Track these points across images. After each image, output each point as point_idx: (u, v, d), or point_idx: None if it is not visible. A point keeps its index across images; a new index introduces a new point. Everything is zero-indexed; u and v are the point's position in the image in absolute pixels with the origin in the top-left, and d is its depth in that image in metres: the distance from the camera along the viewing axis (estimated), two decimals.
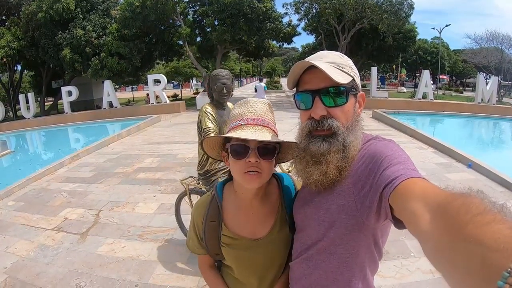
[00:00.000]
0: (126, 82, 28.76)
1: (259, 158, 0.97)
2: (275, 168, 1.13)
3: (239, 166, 0.99)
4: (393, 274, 2.86)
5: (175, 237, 3.71)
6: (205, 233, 1.13)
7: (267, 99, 1.12)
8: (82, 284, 2.92)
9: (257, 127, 0.99)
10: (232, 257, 1.12)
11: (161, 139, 9.75)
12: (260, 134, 0.97)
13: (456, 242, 0.46)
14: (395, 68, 41.76)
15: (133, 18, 16.63)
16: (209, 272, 1.23)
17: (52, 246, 3.65)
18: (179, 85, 35.81)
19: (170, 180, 5.75)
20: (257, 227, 1.11)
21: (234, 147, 0.99)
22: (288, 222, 1.12)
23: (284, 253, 1.14)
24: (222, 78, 2.67)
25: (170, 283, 2.90)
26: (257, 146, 0.97)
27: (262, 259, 1.11)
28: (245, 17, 18.03)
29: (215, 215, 1.12)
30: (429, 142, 7.96)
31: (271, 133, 1.01)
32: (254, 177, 0.98)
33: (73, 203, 4.96)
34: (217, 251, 1.13)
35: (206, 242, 1.14)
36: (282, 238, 1.12)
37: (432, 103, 14.46)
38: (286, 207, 1.13)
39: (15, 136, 13.44)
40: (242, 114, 1.03)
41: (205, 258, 1.21)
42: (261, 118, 1.02)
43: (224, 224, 1.11)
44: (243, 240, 1.10)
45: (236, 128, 1.01)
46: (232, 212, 1.12)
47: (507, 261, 0.38)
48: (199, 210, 1.16)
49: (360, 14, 18.32)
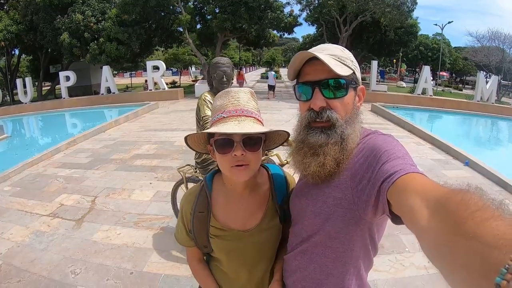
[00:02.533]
0: (125, 68, 28.59)
1: (244, 150, 0.95)
2: (274, 160, 1.12)
3: (226, 160, 0.97)
4: (387, 268, 2.88)
5: (170, 225, 3.71)
6: (193, 224, 1.11)
7: (249, 88, 1.09)
8: (77, 271, 2.92)
9: (240, 118, 0.97)
10: (221, 248, 1.11)
11: (159, 126, 9.73)
12: (244, 125, 0.95)
13: (454, 238, 0.46)
14: (395, 62, 41.66)
15: (133, 3, 16.44)
16: (197, 265, 1.21)
17: (47, 232, 3.65)
18: (178, 72, 35.60)
19: (167, 168, 5.74)
20: (247, 218, 1.10)
21: (218, 142, 0.96)
22: (279, 213, 1.12)
23: (274, 244, 1.14)
24: (223, 66, 2.65)
25: (165, 271, 2.91)
26: (242, 138, 0.95)
27: (251, 251, 1.10)
28: (246, 6, 17.87)
29: (203, 206, 1.10)
30: (427, 138, 7.99)
31: (256, 122, 0.99)
32: (242, 169, 0.96)
33: (69, 189, 4.94)
34: (205, 243, 1.11)
35: (195, 234, 1.12)
36: (272, 229, 1.11)
37: (431, 99, 14.47)
38: (277, 198, 1.12)
39: (12, 120, 13.34)
40: (224, 106, 1.00)
41: (193, 251, 1.19)
42: (243, 108, 0.99)
43: (213, 215, 1.10)
44: (232, 232, 1.08)
45: (218, 122, 0.98)
46: (222, 203, 1.10)
47: (505, 257, 0.38)
48: (188, 200, 1.14)
49: (362, 6, 18.20)
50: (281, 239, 1.16)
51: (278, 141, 1.11)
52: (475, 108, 13.71)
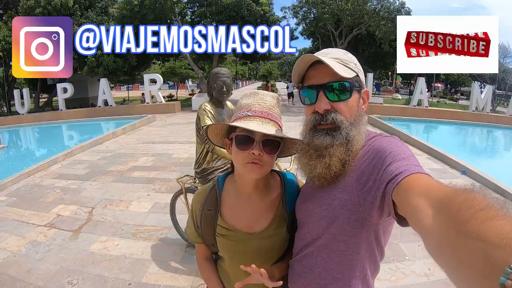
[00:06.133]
0: (122, 81, 28.65)
1: (262, 151, 0.97)
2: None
3: (242, 156, 0.99)
4: (388, 277, 2.88)
5: (169, 236, 3.68)
6: (201, 221, 1.13)
7: (277, 95, 1.12)
8: (74, 282, 2.88)
9: (264, 120, 0.99)
10: (225, 248, 1.12)
11: (156, 138, 9.71)
12: (267, 127, 0.97)
13: (458, 237, 0.46)
14: (390, 75, 42.04)
15: (131, 16, 16.59)
16: (204, 263, 1.23)
17: (44, 243, 3.60)
18: (175, 85, 35.69)
19: (164, 179, 5.71)
20: (254, 221, 1.10)
21: (239, 137, 0.99)
22: (287, 222, 1.11)
23: (278, 252, 1.13)
24: (223, 76, 2.67)
25: (163, 282, 2.87)
26: (262, 139, 0.97)
27: (255, 254, 1.09)
28: (243, 20, 18.09)
29: (212, 204, 1.12)
30: (424, 148, 8.03)
31: (277, 127, 1.01)
32: (256, 167, 0.98)
33: (66, 199, 4.90)
34: (212, 241, 1.13)
35: (202, 231, 1.14)
36: (278, 236, 1.11)
37: (426, 110, 14.58)
38: (287, 205, 1.12)
39: (9, 131, 13.27)
40: (251, 105, 1.02)
41: (201, 248, 1.21)
42: (269, 111, 1.02)
43: (220, 215, 1.11)
44: (238, 233, 1.09)
45: (243, 118, 1.00)
46: (230, 204, 1.12)
47: (509, 257, 0.38)
48: (198, 197, 1.17)
49: (357, 20, 18.53)
50: (287, 247, 1.15)
51: (289, 151, 1.12)
52: (470, 118, 13.81)
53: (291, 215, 1.11)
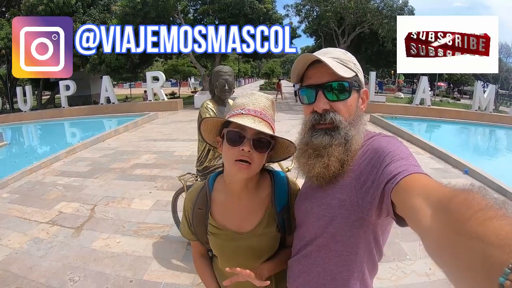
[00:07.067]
0: (124, 79, 28.60)
1: (252, 148, 0.98)
2: (273, 166, 1.14)
3: (232, 153, 1.00)
4: (389, 276, 2.88)
5: (171, 234, 3.69)
6: (193, 219, 1.15)
7: (272, 97, 1.12)
8: (76, 279, 2.90)
9: (257, 119, 1.00)
10: (216, 246, 1.14)
11: (158, 136, 9.73)
12: (259, 126, 0.98)
13: (457, 238, 0.46)
14: (393, 73, 41.89)
15: (133, 14, 16.55)
16: (199, 260, 1.26)
17: (46, 240, 3.62)
18: (177, 83, 35.69)
19: (166, 177, 5.73)
20: (243, 220, 1.12)
21: (230, 134, 1.00)
22: (277, 221, 1.12)
23: (268, 251, 1.14)
24: (225, 74, 2.67)
25: (165, 279, 2.88)
26: (253, 137, 0.98)
27: (244, 253, 1.11)
28: (246, 18, 18.04)
29: (203, 203, 1.14)
30: (426, 148, 8.00)
31: (269, 128, 1.02)
32: (244, 167, 0.99)
33: (68, 197, 4.92)
34: (206, 239, 1.16)
35: (195, 228, 1.16)
36: (268, 235, 1.12)
37: (429, 109, 14.52)
38: (276, 205, 1.13)
39: (11, 128, 13.29)
40: (245, 104, 1.04)
41: (197, 245, 1.24)
42: (262, 111, 1.03)
43: (210, 214, 1.13)
44: (228, 232, 1.11)
45: (236, 116, 1.01)
46: (220, 203, 1.14)
47: (508, 257, 0.38)
48: (190, 195, 1.19)
49: (360, 18, 18.45)
50: (283, 247, 1.17)
51: (283, 155, 1.13)
52: (473, 117, 13.73)
53: (281, 214, 1.12)
